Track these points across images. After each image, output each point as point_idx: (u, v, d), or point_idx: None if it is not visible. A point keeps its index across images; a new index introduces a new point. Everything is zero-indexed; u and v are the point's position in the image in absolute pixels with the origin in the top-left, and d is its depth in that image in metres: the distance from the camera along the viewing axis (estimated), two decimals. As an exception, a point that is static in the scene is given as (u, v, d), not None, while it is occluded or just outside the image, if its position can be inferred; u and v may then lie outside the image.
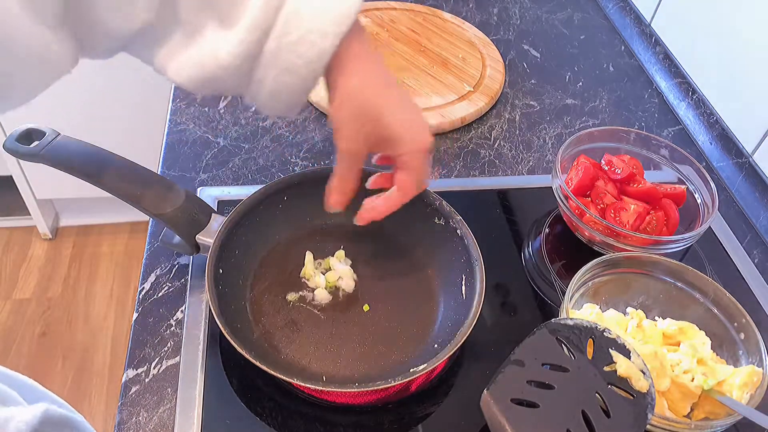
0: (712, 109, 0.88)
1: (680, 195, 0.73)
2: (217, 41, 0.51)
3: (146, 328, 0.62)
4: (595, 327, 0.52)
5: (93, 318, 1.72)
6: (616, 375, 0.50)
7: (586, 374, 0.50)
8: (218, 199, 0.75)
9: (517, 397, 0.49)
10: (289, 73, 0.51)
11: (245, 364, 0.56)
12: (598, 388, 0.49)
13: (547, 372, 0.50)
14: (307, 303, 0.63)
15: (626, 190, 0.73)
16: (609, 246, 0.68)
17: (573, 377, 0.50)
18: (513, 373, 0.50)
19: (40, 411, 0.50)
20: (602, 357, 0.51)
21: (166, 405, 0.57)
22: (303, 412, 0.57)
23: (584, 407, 0.48)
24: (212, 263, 0.58)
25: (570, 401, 0.48)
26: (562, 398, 0.49)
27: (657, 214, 0.71)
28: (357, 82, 0.53)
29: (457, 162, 0.83)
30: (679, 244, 0.67)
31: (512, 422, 0.47)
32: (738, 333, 0.59)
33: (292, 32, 0.49)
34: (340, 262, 0.66)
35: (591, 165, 0.74)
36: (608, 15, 1.15)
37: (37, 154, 0.59)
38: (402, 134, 0.54)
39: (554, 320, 0.53)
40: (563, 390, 0.49)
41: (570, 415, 0.48)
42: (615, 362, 0.50)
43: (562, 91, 0.97)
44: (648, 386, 0.49)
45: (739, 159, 0.83)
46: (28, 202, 1.76)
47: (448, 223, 0.65)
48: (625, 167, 0.73)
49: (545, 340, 0.52)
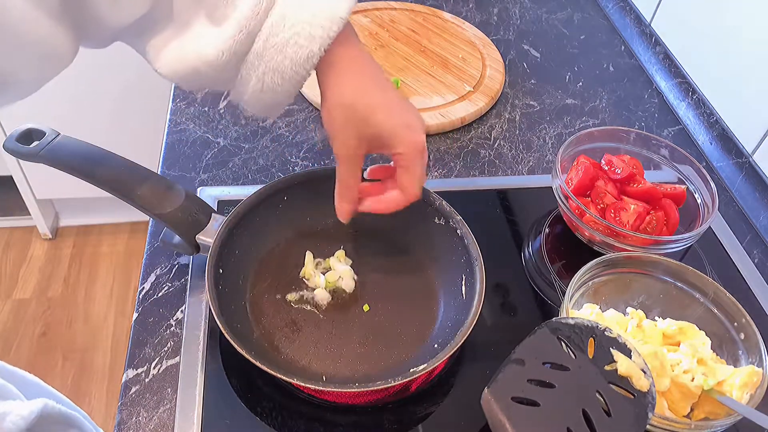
0: (712, 109, 0.88)
1: (680, 195, 0.73)
2: (205, 37, 0.51)
3: (146, 328, 0.62)
4: (596, 326, 0.52)
5: (93, 318, 1.72)
6: (616, 374, 0.50)
7: (587, 373, 0.50)
8: (218, 199, 0.75)
9: (517, 396, 0.49)
10: (276, 73, 0.51)
11: (245, 364, 0.56)
12: (599, 387, 0.49)
13: (548, 371, 0.50)
14: (307, 303, 0.63)
15: (626, 190, 0.73)
16: (609, 246, 0.68)
17: (574, 376, 0.50)
18: (513, 372, 0.50)
19: (38, 406, 0.50)
20: (603, 356, 0.51)
21: (166, 405, 0.57)
22: (303, 412, 0.57)
23: (585, 406, 0.48)
24: (212, 263, 0.58)
25: (570, 400, 0.48)
26: (562, 397, 0.49)
27: (657, 214, 0.71)
28: (348, 84, 0.53)
29: (457, 162, 0.83)
30: (679, 244, 0.67)
31: (513, 421, 0.47)
32: (738, 333, 0.59)
33: (280, 33, 0.50)
34: (340, 262, 0.66)
35: (591, 165, 0.74)
36: (608, 15, 1.15)
37: (37, 154, 0.59)
38: (397, 133, 0.54)
39: (555, 319, 0.53)
40: (564, 389, 0.49)
41: (570, 414, 0.47)
42: (616, 361, 0.50)
43: (562, 91, 0.97)
44: (649, 385, 0.49)
45: (739, 159, 0.83)
46: (28, 202, 1.76)
47: (448, 223, 0.65)
48: (625, 167, 0.73)
49: (546, 339, 0.52)
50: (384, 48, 0.99)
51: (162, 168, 0.79)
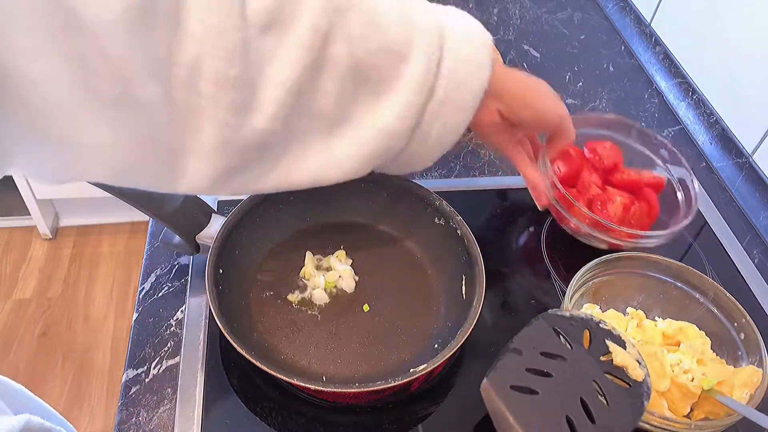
0: (712, 109, 0.88)
1: (660, 184, 0.72)
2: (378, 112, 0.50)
3: (146, 328, 0.62)
4: (590, 318, 0.53)
5: (93, 318, 1.72)
6: (612, 365, 0.50)
7: (584, 363, 0.50)
8: (218, 199, 0.74)
9: (516, 385, 0.49)
10: (458, 111, 0.53)
11: (245, 364, 0.56)
12: (596, 377, 0.49)
13: (545, 360, 0.50)
14: (308, 303, 0.63)
15: (610, 180, 0.72)
16: (594, 238, 0.68)
17: (571, 366, 0.50)
18: (512, 362, 0.50)
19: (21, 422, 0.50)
20: (598, 347, 0.51)
21: (166, 405, 0.57)
22: (303, 412, 0.57)
23: (582, 395, 0.48)
24: (212, 263, 0.58)
25: (568, 389, 0.49)
26: (560, 386, 0.49)
27: (640, 204, 0.70)
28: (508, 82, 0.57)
29: (457, 162, 0.83)
30: (663, 237, 0.66)
31: (512, 409, 0.47)
32: (738, 333, 0.59)
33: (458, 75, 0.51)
34: (341, 262, 0.66)
35: (576, 154, 0.73)
36: (608, 15, 1.15)
37: (37, 154, 0.59)
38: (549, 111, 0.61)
39: (551, 311, 0.54)
40: (561, 378, 0.49)
41: (569, 403, 0.48)
42: (611, 352, 0.51)
43: (562, 91, 0.97)
44: (644, 375, 0.50)
45: (739, 159, 0.83)
46: (28, 202, 1.76)
47: (448, 223, 0.65)
48: (609, 156, 0.72)
49: (543, 330, 0.52)
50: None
51: (162, 168, 0.79)
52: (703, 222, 0.79)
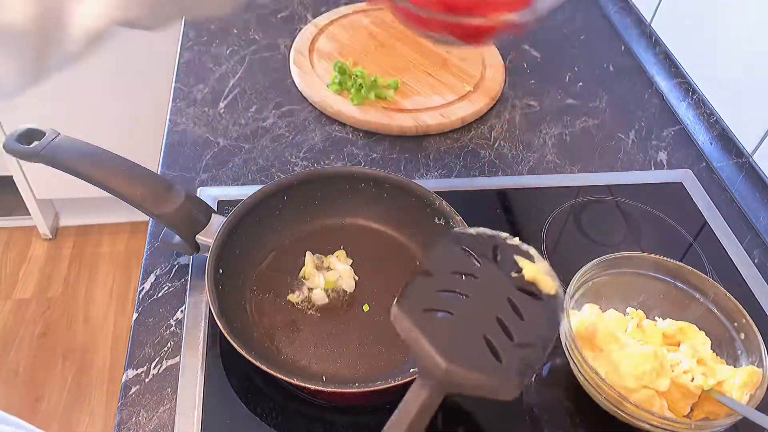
0: (712, 109, 0.88)
1: None
2: None
3: (146, 328, 0.62)
4: (497, 234, 0.51)
5: (93, 318, 1.72)
6: (524, 280, 0.48)
7: (496, 281, 0.48)
8: (218, 199, 0.75)
9: (429, 307, 0.46)
10: None
11: (245, 364, 0.56)
12: (509, 294, 0.47)
13: (457, 280, 0.48)
14: (308, 303, 0.63)
15: None
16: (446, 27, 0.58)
17: (483, 284, 0.48)
18: (422, 284, 0.47)
19: None
20: (508, 264, 0.49)
21: (166, 405, 0.57)
22: (303, 412, 0.57)
23: (498, 313, 0.46)
24: (212, 263, 0.58)
25: (483, 308, 0.46)
26: (475, 306, 0.47)
27: None
28: None
29: (457, 162, 0.83)
30: None
31: (427, 332, 0.44)
32: (738, 333, 0.59)
33: None
34: (341, 262, 0.66)
35: None
36: (608, 15, 1.15)
37: (37, 154, 0.59)
38: None
39: (456, 229, 0.51)
40: (475, 298, 0.47)
41: (485, 322, 0.45)
42: (522, 268, 0.49)
43: (562, 91, 0.97)
44: (556, 288, 0.48)
45: (739, 159, 0.83)
46: (28, 202, 1.76)
47: (448, 223, 0.65)
48: None
49: (450, 249, 0.50)
50: (384, 48, 0.99)
51: (162, 168, 0.79)
52: (703, 222, 0.79)
